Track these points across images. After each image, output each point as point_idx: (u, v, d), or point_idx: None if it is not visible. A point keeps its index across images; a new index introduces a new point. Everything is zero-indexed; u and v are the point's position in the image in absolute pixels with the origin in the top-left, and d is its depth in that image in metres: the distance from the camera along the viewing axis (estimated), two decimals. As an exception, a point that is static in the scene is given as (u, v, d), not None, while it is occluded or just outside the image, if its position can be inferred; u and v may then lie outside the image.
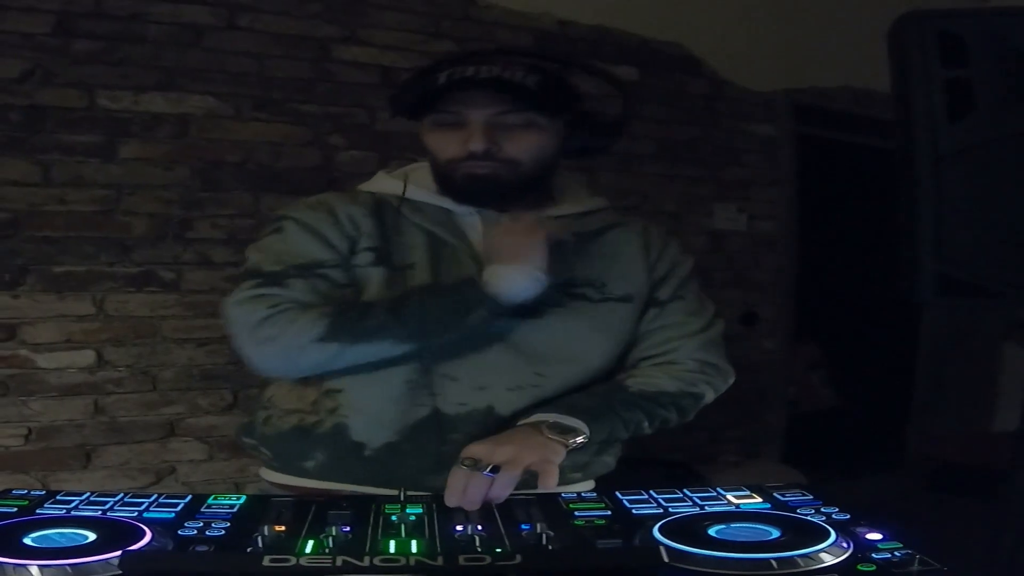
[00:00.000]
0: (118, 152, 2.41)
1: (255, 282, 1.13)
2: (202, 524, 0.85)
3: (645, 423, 1.17)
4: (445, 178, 1.18)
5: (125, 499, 0.92)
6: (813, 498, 0.96)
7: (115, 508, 0.90)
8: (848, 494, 0.98)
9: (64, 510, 0.89)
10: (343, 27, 2.69)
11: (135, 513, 0.88)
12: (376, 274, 1.16)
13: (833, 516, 0.89)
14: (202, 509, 0.91)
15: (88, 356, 2.40)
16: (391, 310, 1.09)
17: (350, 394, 1.14)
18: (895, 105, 1.16)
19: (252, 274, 1.14)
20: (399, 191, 1.21)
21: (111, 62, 2.38)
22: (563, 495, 0.98)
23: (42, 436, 2.36)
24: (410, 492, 0.97)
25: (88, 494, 0.93)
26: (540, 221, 1.14)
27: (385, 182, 1.25)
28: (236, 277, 1.19)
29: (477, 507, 0.93)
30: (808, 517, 0.88)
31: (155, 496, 0.93)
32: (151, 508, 0.90)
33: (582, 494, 0.98)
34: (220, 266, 2.52)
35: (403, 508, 0.91)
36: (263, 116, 2.59)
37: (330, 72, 2.68)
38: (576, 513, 0.91)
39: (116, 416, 2.44)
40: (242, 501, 0.94)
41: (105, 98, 2.38)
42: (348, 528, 0.83)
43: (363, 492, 1.10)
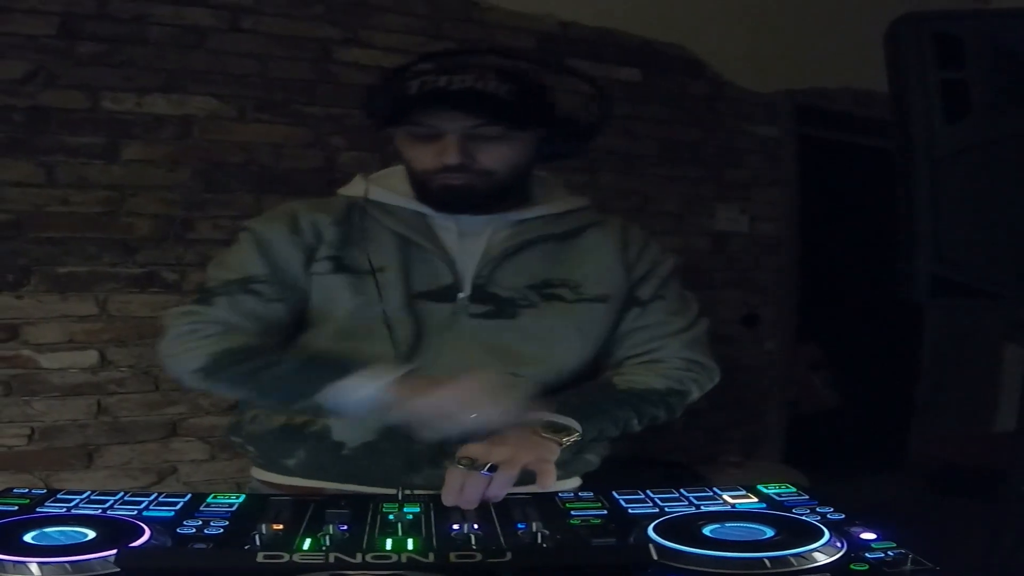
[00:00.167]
0: (121, 153, 2.42)
1: (194, 297, 1.19)
2: (201, 523, 0.86)
3: (635, 421, 1.18)
4: (421, 186, 1.19)
5: (125, 498, 0.93)
6: (809, 498, 0.97)
7: (115, 507, 0.90)
8: (849, 495, 0.98)
9: (64, 509, 0.89)
10: (345, 29, 2.70)
11: (135, 512, 0.88)
12: (338, 281, 1.18)
13: (828, 516, 0.89)
14: (201, 508, 0.91)
15: (91, 356, 2.41)
16: (257, 369, 1.11)
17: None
18: (892, 106, 1.16)
19: (198, 288, 1.21)
20: (372, 195, 1.23)
21: (114, 64, 2.40)
22: (560, 495, 0.98)
23: (45, 436, 2.37)
24: (406, 491, 0.98)
25: (88, 493, 0.94)
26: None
27: (360, 186, 1.26)
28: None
29: (474, 506, 0.93)
30: (803, 517, 0.88)
31: (155, 495, 0.94)
32: (151, 507, 0.90)
33: (579, 494, 0.99)
34: (222, 267, 2.53)
35: (401, 507, 0.91)
36: (265, 117, 2.60)
37: (332, 74, 2.69)
38: (572, 513, 0.91)
39: (118, 416, 2.45)
40: (241, 500, 0.94)
41: (108, 100, 2.40)
42: (346, 527, 0.84)
43: (347, 490, 1.11)
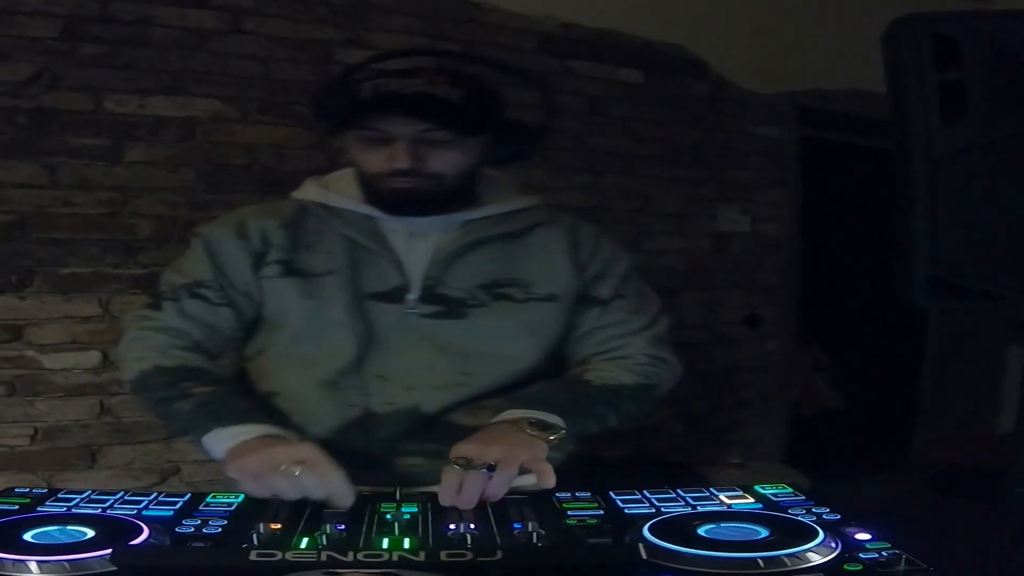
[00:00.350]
0: (124, 155, 2.43)
1: (147, 301, 1.22)
2: (199, 522, 0.86)
3: (612, 417, 1.19)
4: (370, 189, 1.19)
5: (125, 497, 0.94)
6: (805, 498, 0.97)
7: (115, 506, 0.91)
8: (851, 496, 0.98)
9: (64, 508, 0.90)
10: (347, 30, 2.70)
11: (134, 511, 0.89)
12: (287, 285, 1.19)
13: (824, 516, 0.89)
14: (200, 507, 0.92)
15: (94, 357, 2.42)
16: (169, 398, 1.12)
17: (287, 397, 1.19)
18: (890, 108, 1.16)
19: (150, 292, 1.24)
20: (321, 199, 1.24)
21: (117, 66, 2.40)
22: (557, 495, 0.98)
23: (48, 436, 2.38)
24: (405, 490, 0.98)
25: (89, 492, 0.95)
26: None
27: (311, 189, 1.27)
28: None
29: (473, 506, 0.93)
30: (798, 517, 0.89)
31: (155, 494, 0.95)
32: (150, 506, 0.91)
33: (576, 494, 0.99)
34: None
35: (398, 507, 0.92)
36: (268, 119, 2.60)
37: (334, 75, 2.69)
38: (569, 513, 0.92)
39: (121, 416, 2.45)
40: (240, 500, 0.95)
41: (111, 101, 2.40)
42: (343, 526, 0.85)
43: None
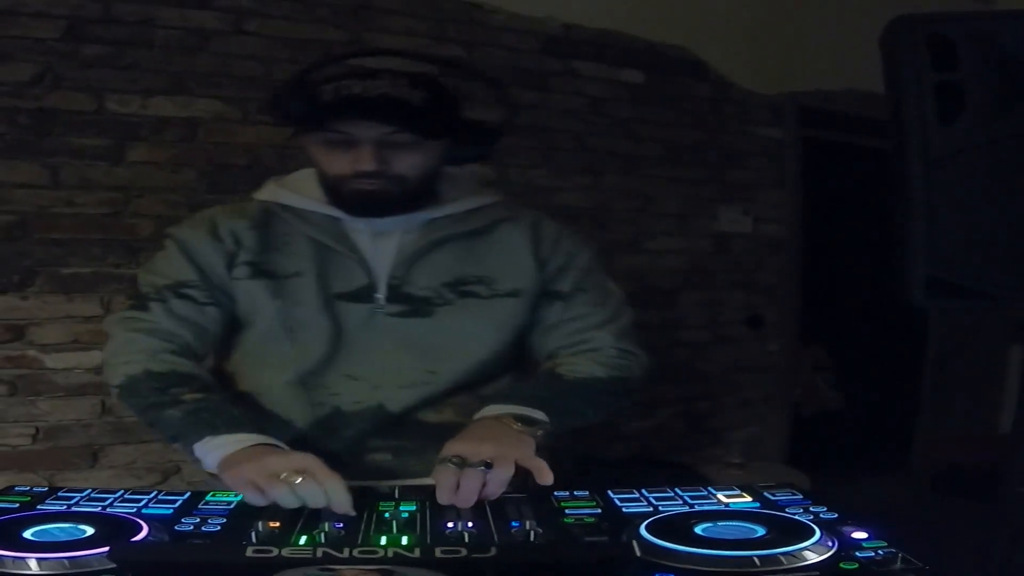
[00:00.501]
0: (126, 155, 2.43)
1: (130, 303, 1.23)
2: (199, 520, 0.87)
3: (589, 411, 1.20)
4: (333, 190, 1.19)
5: (125, 495, 0.94)
6: (803, 497, 0.97)
7: (115, 504, 0.91)
8: (851, 496, 0.99)
9: (64, 506, 0.91)
10: (349, 31, 2.70)
11: (134, 509, 0.90)
12: (257, 287, 1.19)
13: (821, 515, 0.90)
14: (200, 506, 0.93)
15: (95, 356, 2.41)
16: (158, 404, 1.11)
17: (258, 397, 1.20)
18: (888, 108, 1.16)
19: (132, 295, 1.25)
20: (284, 200, 1.24)
21: (119, 66, 2.41)
22: (555, 494, 0.99)
23: (49, 436, 2.38)
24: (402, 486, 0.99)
25: (89, 491, 0.95)
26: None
27: (273, 191, 1.27)
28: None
29: (471, 504, 0.93)
30: (795, 516, 0.89)
31: (154, 493, 0.95)
32: (150, 504, 0.92)
33: (574, 492, 0.99)
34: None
35: (396, 506, 0.92)
36: (269, 120, 2.60)
37: (336, 76, 2.69)
38: (567, 511, 0.92)
39: (123, 416, 2.45)
40: (239, 499, 0.95)
41: (113, 102, 2.41)
42: (341, 525, 0.85)
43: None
